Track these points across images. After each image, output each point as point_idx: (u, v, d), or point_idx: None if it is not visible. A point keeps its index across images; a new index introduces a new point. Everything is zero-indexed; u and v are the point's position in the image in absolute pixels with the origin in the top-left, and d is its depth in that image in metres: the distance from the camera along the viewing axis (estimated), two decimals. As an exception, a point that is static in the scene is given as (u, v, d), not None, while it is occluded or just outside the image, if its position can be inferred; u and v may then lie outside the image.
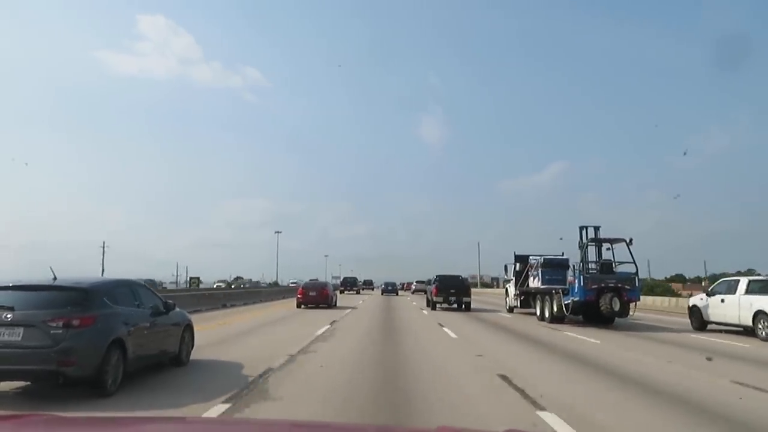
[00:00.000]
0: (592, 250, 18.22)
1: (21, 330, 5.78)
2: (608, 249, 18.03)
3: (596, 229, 18.16)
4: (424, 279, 42.70)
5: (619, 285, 16.65)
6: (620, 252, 17.90)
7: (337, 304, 27.96)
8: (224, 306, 25.16)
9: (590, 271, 17.45)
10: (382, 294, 49.76)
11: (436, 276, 26.94)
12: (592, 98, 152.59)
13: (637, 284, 17.33)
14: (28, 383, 6.50)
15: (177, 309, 7.91)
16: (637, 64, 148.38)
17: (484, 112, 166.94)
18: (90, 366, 5.90)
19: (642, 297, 22.49)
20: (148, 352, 6.99)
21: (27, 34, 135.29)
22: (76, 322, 5.88)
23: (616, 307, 16.15)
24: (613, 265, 17.71)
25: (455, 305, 24.57)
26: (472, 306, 25.18)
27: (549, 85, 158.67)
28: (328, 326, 15.47)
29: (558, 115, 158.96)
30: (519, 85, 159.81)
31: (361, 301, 34.05)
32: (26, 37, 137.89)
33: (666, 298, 34.32)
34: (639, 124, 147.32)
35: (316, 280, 32.25)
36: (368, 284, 67.45)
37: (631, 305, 16.84)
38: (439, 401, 6.22)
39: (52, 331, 5.80)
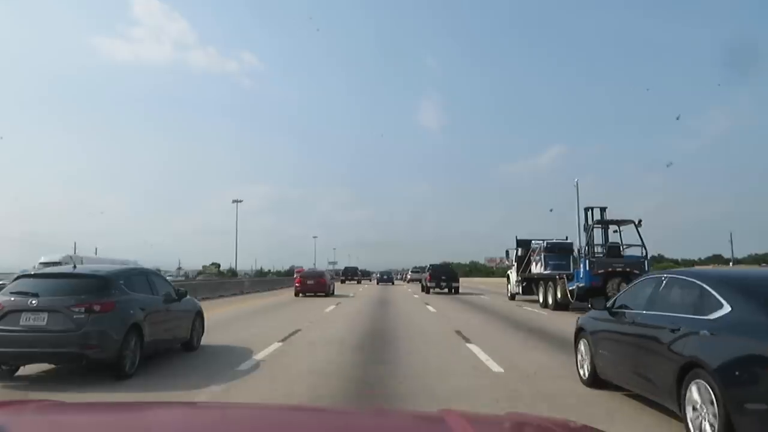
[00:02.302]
0: (598, 233, 18.71)
1: (46, 315, 6.64)
2: (615, 231, 18.60)
3: (602, 210, 18.50)
4: (424, 265, 46.02)
5: (628, 269, 16.89)
6: (628, 235, 18.52)
7: (335, 293, 28.98)
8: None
9: (596, 255, 17.93)
10: (377, 284, 50.62)
11: (430, 265, 34.56)
12: (590, 81, 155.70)
13: (646, 268, 17.40)
14: (52, 366, 7.38)
15: (188, 297, 8.80)
16: (637, 47, 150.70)
17: (482, 96, 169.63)
18: (111, 349, 6.76)
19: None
20: (162, 336, 7.90)
21: (20, 19, 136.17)
22: (97, 308, 6.73)
23: None
24: (621, 249, 18.22)
25: (446, 290, 30.54)
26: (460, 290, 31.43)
27: (547, 69, 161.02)
28: (334, 306, 20.34)
29: (557, 99, 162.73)
30: (517, 68, 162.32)
31: (360, 289, 35.23)
32: (20, 24, 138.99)
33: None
34: (638, 108, 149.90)
35: (315, 268, 33.53)
36: (366, 274, 68.30)
37: None
38: (414, 339, 11.13)
39: (75, 316, 6.64)
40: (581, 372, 6.67)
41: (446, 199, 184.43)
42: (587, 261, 17.28)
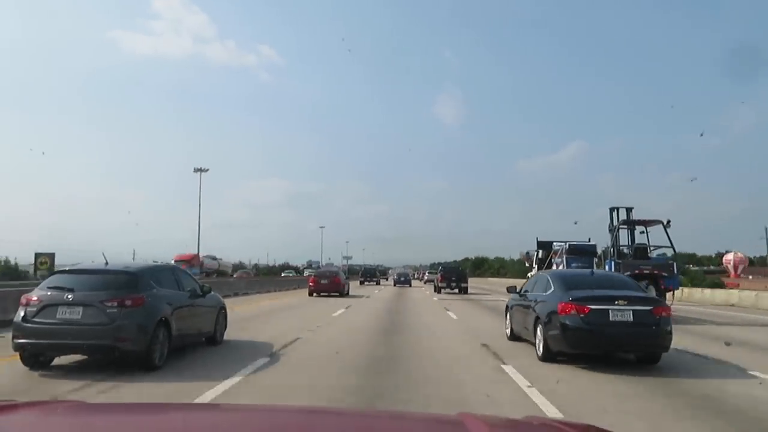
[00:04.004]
0: (624, 234, 18.94)
1: (80, 309, 7.47)
2: (642, 233, 18.98)
3: (628, 210, 18.77)
4: (441, 261, 48.88)
5: (656, 272, 17.11)
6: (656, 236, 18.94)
7: (350, 293, 29.81)
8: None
9: (623, 257, 18.12)
10: (395, 285, 51.18)
11: (441, 267, 42.26)
12: (611, 78, 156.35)
13: (675, 271, 17.76)
14: (85, 357, 8.22)
15: (212, 293, 9.63)
16: (657, 45, 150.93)
17: (500, 90, 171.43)
18: (141, 342, 7.58)
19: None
20: (188, 331, 8.76)
21: (40, 15, 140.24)
22: (128, 303, 7.55)
23: (652, 296, 16.96)
24: (649, 250, 18.56)
25: (456, 290, 35.56)
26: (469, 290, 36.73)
27: (568, 64, 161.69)
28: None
29: (577, 94, 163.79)
30: (537, 63, 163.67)
31: (376, 291, 36.07)
32: (40, 20, 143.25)
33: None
34: (658, 105, 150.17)
35: (331, 264, 34.33)
36: (383, 273, 68.38)
37: (669, 295, 17.15)
38: (420, 314, 18.60)
39: (108, 311, 7.47)
40: (507, 332, 11.88)
41: (463, 195, 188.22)
42: (613, 263, 17.51)
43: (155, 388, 6.91)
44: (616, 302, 8.50)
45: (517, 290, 11.46)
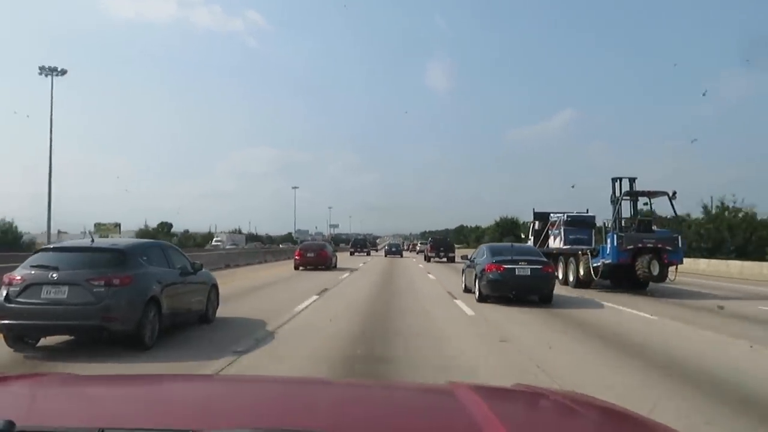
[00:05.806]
0: (626, 206, 19.02)
1: (66, 288, 7.52)
2: (645, 204, 19.19)
3: (632, 180, 18.80)
4: (433, 230, 55.86)
5: (659, 245, 17.30)
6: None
7: (338, 266, 30.05)
8: None
9: (624, 229, 18.25)
10: (385, 256, 51.87)
11: (430, 238, 51.42)
12: (603, 44, 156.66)
13: (680, 245, 17.91)
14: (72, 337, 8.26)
15: (203, 270, 9.69)
16: (651, 10, 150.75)
17: (492, 58, 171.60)
18: (130, 321, 7.66)
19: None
20: (179, 309, 8.87)
21: None
22: (116, 281, 7.61)
23: (655, 270, 16.86)
24: (653, 223, 18.82)
25: (444, 259, 42.10)
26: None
27: (560, 31, 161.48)
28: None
29: (569, 62, 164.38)
30: (529, 30, 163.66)
31: (362, 264, 36.31)
32: None
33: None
34: (652, 71, 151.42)
35: (320, 234, 34.38)
36: (373, 243, 68.99)
37: (671, 269, 17.57)
38: (408, 277, 25.25)
39: (95, 290, 7.52)
40: (462, 286, 17.30)
41: (454, 163, 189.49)
42: (615, 236, 17.62)
43: (147, 368, 7.01)
44: (520, 263, 14.20)
45: (468, 257, 17.00)
